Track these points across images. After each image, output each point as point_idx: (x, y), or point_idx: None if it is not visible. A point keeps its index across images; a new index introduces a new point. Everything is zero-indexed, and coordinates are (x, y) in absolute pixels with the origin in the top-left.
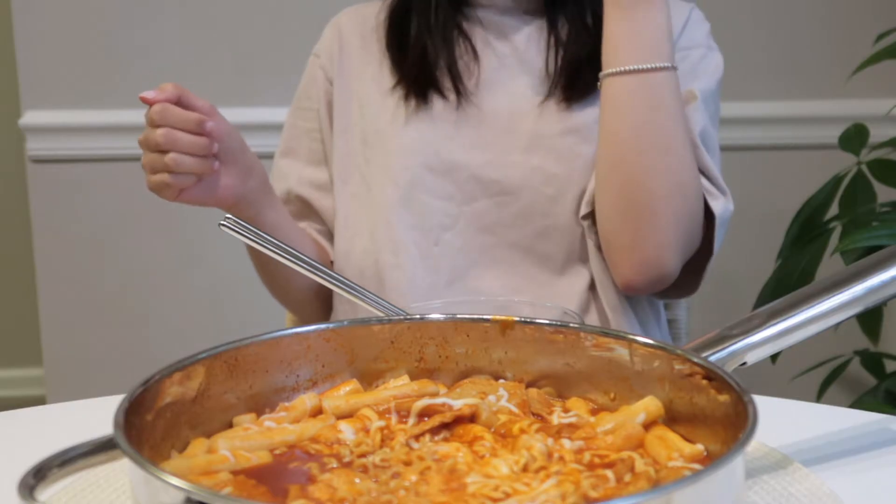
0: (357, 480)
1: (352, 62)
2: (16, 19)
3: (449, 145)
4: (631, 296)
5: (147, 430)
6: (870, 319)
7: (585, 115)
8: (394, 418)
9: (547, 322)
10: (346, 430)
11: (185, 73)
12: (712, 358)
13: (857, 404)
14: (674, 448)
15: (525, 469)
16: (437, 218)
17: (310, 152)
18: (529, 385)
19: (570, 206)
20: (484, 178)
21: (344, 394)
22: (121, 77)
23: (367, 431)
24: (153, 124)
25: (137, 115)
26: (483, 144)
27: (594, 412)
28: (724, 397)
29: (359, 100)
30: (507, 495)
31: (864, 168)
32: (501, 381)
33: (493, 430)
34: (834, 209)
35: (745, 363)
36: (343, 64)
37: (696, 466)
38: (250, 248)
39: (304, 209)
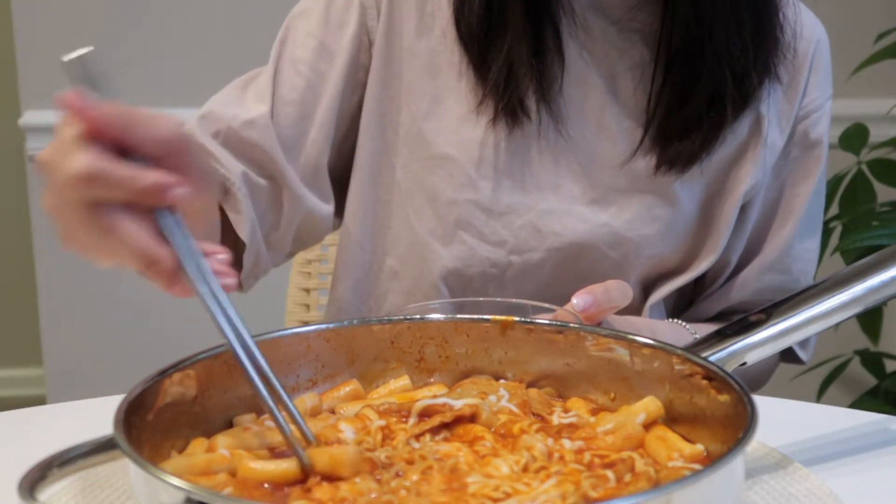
0: (358, 480)
1: (407, 33)
2: (16, 19)
3: (514, 183)
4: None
5: (147, 430)
6: (870, 319)
7: (675, 176)
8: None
9: (547, 322)
10: (347, 430)
11: (184, 73)
12: (712, 358)
13: (857, 404)
14: (674, 448)
15: (525, 469)
16: (481, 266)
17: (292, 89)
18: (530, 385)
19: (633, 274)
20: (543, 229)
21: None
22: (120, 78)
23: (367, 431)
24: None
25: None
26: (550, 187)
27: (594, 412)
28: (724, 397)
29: (411, 97)
30: (508, 495)
31: (864, 168)
32: (502, 381)
33: (493, 430)
34: (834, 209)
35: (745, 363)
36: (391, 30)
37: (696, 466)
38: None
39: (257, 154)
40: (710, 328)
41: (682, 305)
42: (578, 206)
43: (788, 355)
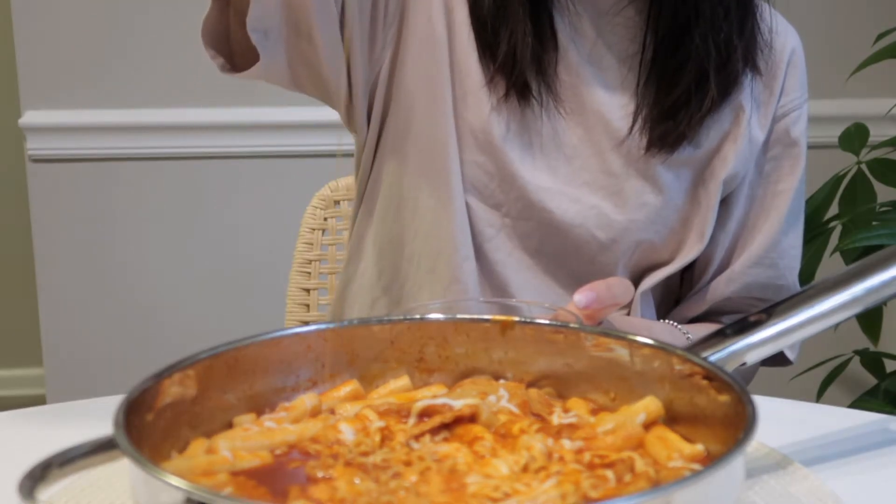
0: (357, 480)
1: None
2: (16, 19)
3: (514, 159)
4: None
5: (147, 430)
6: (870, 319)
7: (664, 162)
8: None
9: (547, 322)
10: (346, 430)
11: (184, 73)
12: (712, 358)
13: (857, 404)
14: (674, 448)
15: (525, 469)
16: (478, 226)
17: None
18: (530, 385)
19: (619, 258)
20: (537, 205)
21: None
22: (120, 77)
23: (367, 431)
24: None
25: (137, 115)
26: (546, 167)
27: (594, 412)
28: (724, 397)
29: (444, 64)
30: (507, 495)
31: (864, 168)
32: (502, 381)
33: (493, 430)
34: (834, 209)
35: (745, 363)
36: None
37: (696, 466)
38: None
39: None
40: (701, 330)
41: (669, 303)
42: (571, 187)
43: (774, 358)
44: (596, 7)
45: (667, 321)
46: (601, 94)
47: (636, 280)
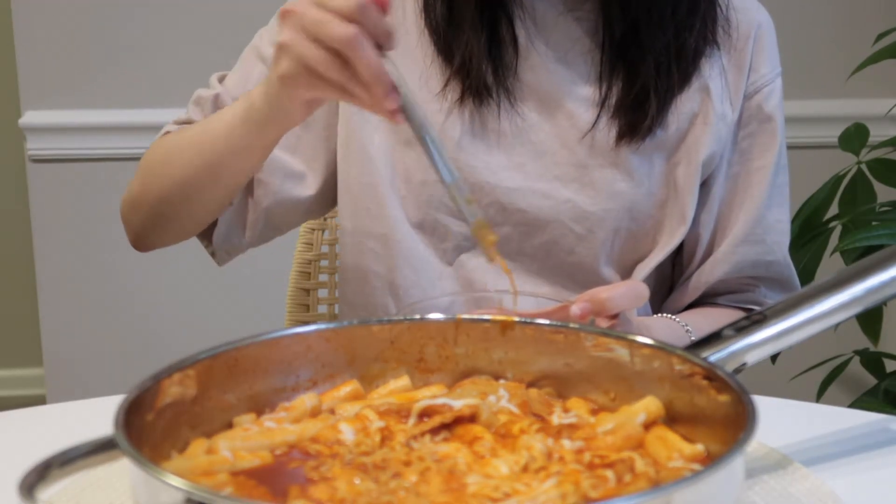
0: (357, 480)
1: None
2: (16, 19)
3: (479, 164)
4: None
5: (147, 430)
6: (870, 319)
7: (633, 150)
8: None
9: (547, 322)
10: (346, 430)
11: (184, 73)
12: (712, 358)
13: (857, 404)
14: (674, 448)
15: (525, 469)
16: (455, 241)
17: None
18: (530, 385)
19: (599, 248)
20: (509, 207)
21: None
22: (121, 77)
23: (367, 431)
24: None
25: (137, 115)
26: (514, 167)
27: (594, 412)
28: (724, 397)
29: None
30: (507, 495)
31: (864, 168)
32: (502, 381)
33: (493, 430)
34: (834, 209)
35: (745, 364)
36: None
37: (696, 466)
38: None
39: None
40: (697, 317)
41: (663, 293)
42: (542, 183)
43: None
44: (553, 7)
45: (662, 315)
46: (567, 90)
47: (626, 272)
